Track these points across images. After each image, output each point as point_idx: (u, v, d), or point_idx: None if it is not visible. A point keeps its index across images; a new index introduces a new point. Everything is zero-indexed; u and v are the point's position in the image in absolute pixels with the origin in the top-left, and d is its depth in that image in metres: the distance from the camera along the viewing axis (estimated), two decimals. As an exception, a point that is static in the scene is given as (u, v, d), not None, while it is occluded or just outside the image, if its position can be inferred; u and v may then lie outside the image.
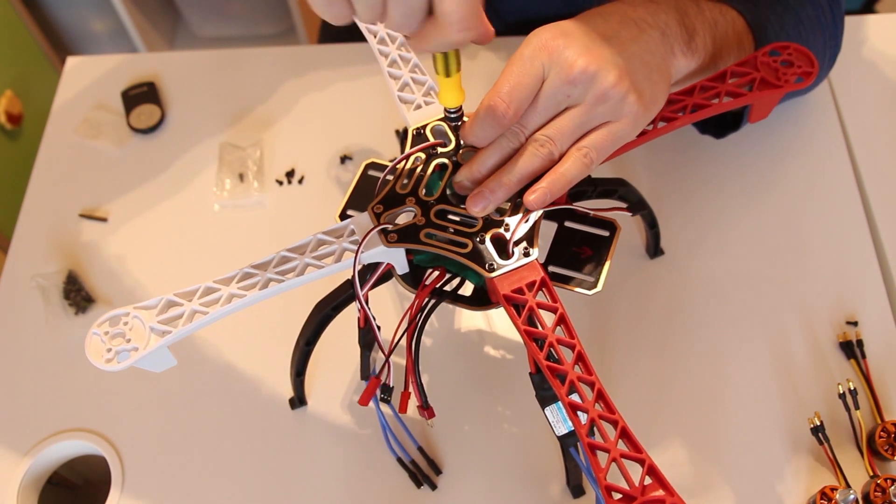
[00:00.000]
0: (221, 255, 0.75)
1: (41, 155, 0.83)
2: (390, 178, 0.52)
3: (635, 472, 0.42)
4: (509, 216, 0.50)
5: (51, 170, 0.82)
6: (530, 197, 0.49)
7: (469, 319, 0.69)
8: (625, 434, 0.43)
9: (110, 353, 0.46)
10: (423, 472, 0.62)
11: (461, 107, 0.50)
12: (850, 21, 0.85)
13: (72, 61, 0.90)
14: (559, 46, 0.47)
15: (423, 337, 0.68)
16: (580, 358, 0.45)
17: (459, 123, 0.52)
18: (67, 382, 0.69)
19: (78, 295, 0.72)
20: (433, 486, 0.61)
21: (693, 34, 0.55)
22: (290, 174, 0.79)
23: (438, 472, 0.62)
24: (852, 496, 0.56)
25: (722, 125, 0.68)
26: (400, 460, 0.62)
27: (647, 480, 0.42)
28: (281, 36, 1.80)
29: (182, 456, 0.64)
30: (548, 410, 0.48)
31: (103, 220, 0.78)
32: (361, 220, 0.51)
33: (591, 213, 0.53)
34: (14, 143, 1.40)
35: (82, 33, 1.72)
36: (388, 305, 0.69)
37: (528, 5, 0.84)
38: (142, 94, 0.84)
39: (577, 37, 0.48)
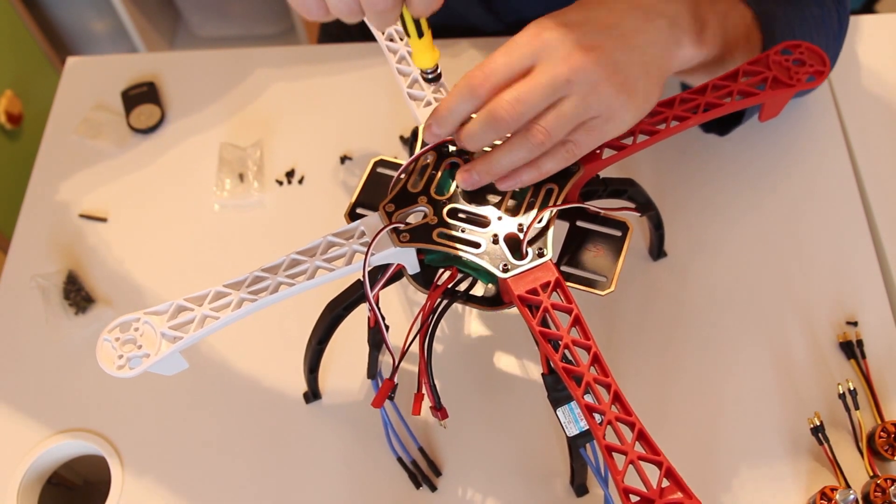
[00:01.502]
0: (222, 255, 0.75)
1: (41, 155, 0.83)
2: (403, 176, 0.52)
3: (652, 474, 0.42)
4: (523, 214, 0.50)
5: (51, 170, 0.82)
6: (502, 181, 0.50)
7: (470, 322, 0.69)
8: (642, 436, 0.43)
9: (122, 359, 0.45)
10: (423, 472, 0.62)
11: (437, 66, 0.50)
12: (850, 21, 0.85)
13: (72, 61, 0.90)
14: (559, 34, 0.47)
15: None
16: (596, 359, 0.45)
17: (437, 84, 0.52)
18: (67, 382, 0.69)
19: (78, 295, 0.72)
20: (433, 488, 0.61)
21: (705, 25, 0.54)
22: (290, 174, 0.79)
23: (438, 473, 0.62)
24: (852, 496, 0.56)
25: (725, 122, 0.68)
26: (400, 460, 0.62)
27: (665, 483, 0.42)
28: (281, 36, 1.80)
29: (182, 455, 0.64)
30: (560, 411, 0.47)
31: (103, 220, 0.78)
32: (372, 220, 0.50)
33: (602, 212, 0.53)
34: (14, 143, 1.40)
35: (82, 33, 1.72)
36: (397, 304, 0.69)
37: (527, 6, 0.84)
38: (142, 94, 0.84)
39: (577, 26, 0.48)
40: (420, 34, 0.47)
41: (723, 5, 0.58)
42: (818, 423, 0.60)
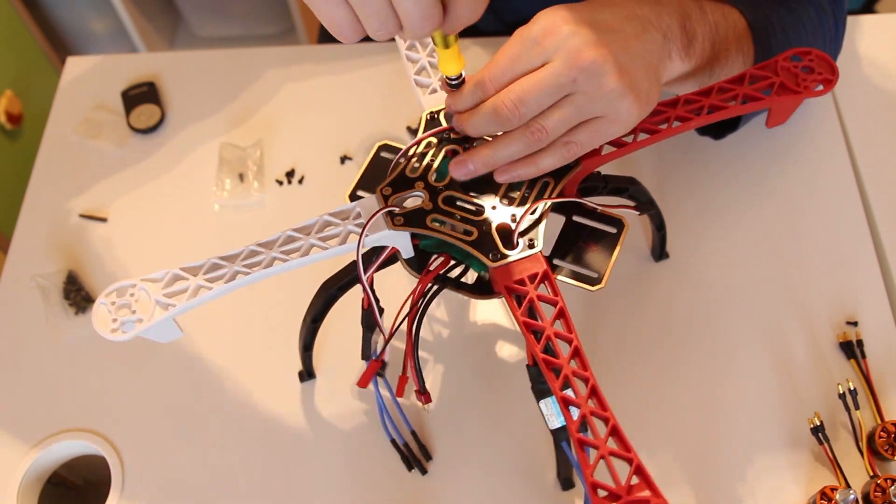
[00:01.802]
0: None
1: (41, 155, 0.83)
2: (402, 161, 0.52)
3: (624, 470, 0.42)
4: (517, 205, 0.50)
5: (51, 170, 0.82)
6: (500, 173, 0.50)
7: (474, 311, 0.69)
8: (615, 432, 0.43)
9: (116, 323, 0.46)
10: (415, 456, 0.62)
11: (461, 73, 0.50)
12: (849, 21, 0.85)
13: (72, 61, 0.90)
14: (568, 33, 0.47)
15: (430, 325, 0.68)
16: (576, 353, 0.45)
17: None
18: (67, 382, 0.69)
19: (78, 295, 0.72)
20: (423, 471, 0.62)
21: (692, 39, 0.55)
22: (290, 174, 0.79)
23: (429, 457, 0.62)
24: (852, 496, 0.56)
25: (721, 126, 0.68)
26: (394, 442, 0.62)
27: (634, 480, 0.42)
28: (281, 36, 1.80)
29: (182, 453, 0.64)
30: (542, 404, 0.48)
31: (103, 220, 0.78)
32: (368, 202, 0.51)
33: (599, 208, 0.53)
34: (14, 143, 1.40)
35: (82, 33, 1.72)
36: (397, 286, 0.69)
37: (527, 6, 0.84)
38: (142, 94, 0.84)
39: (585, 25, 0.48)
40: (448, 44, 0.47)
41: (715, 15, 0.58)
42: (818, 423, 0.60)
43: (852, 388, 0.61)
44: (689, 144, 0.76)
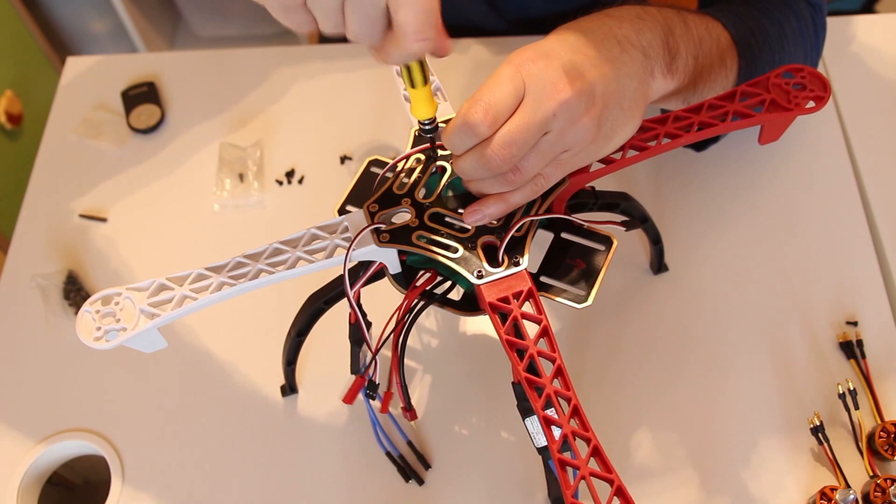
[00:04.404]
0: (221, 254, 0.74)
1: (41, 155, 0.83)
2: (389, 175, 0.52)
3: (607, 491, 0.42)
4: (503, 222, 0.50)
5: (51, 170, 0.82)
6: (468, 215, 0.49)
7: (473, 322, 0.69)
8: (597, 453, 0.43)
9: (100, 331, 0.46)
10: (412, 466, 0.62)
11: (434, 118, 0.49)
12: (849, 21, 0.85)
13: (72, 61, 0.90)
14: (540, 70, 0.46)
15: (425, 335, 0.68)
16: (559, 372, 0.45)
17: (433, 135, 0.51)
18: (67, 382, 0.69)
19: (78, 295, 0.72)
20: (420, 481, 0.62)
21: (675, 55, 0.54)
22: (289, 174, 0.79)
23: (427, 466, 0.62)
24: (852, 496, 0.56)
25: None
26: (389, 454, 0.62)
27: (616, 502, 0.42)
28: (281, 36, 1.80)
29: (181, 454, 0.65)
30: (528, 422, 0.47)
31: (103, 220, 0.78)
32: (356, 217, 0.51)
33: (586, 225, 0.53)
34: (14, 143, 1.40)
35: (82, 33, 1.72)
36: (387, 299, 0.69)
37: (529, 3, 0.84)
38: (142, 94, 0.85)
39: (557, 60, 0.47)
40: (414, 83, 0.46)
41: (699, 30, 0.57)
42: (818, 423, 0.60)
43: (852, 388, 0.61)
44: (684, 150, 0.76)
